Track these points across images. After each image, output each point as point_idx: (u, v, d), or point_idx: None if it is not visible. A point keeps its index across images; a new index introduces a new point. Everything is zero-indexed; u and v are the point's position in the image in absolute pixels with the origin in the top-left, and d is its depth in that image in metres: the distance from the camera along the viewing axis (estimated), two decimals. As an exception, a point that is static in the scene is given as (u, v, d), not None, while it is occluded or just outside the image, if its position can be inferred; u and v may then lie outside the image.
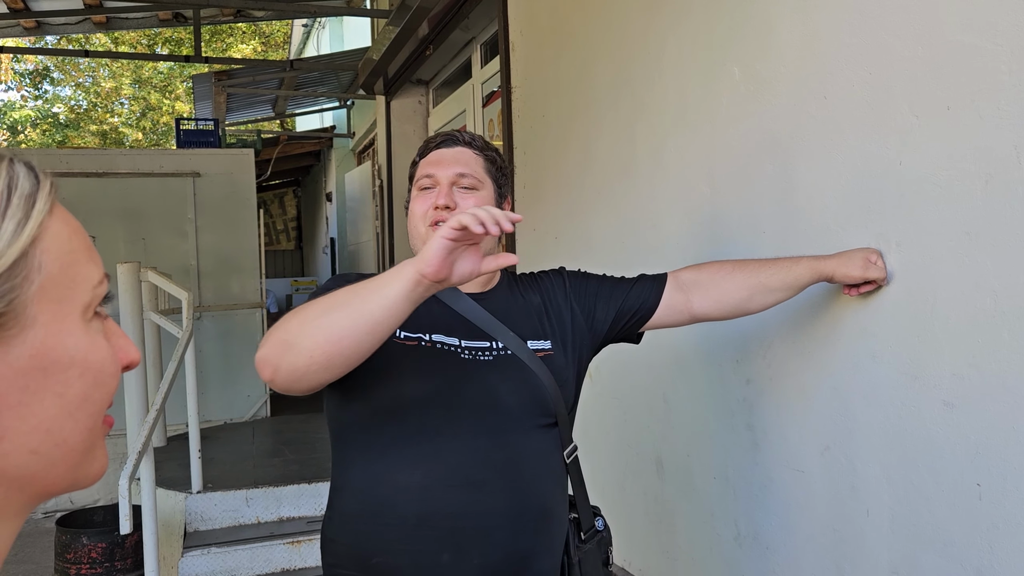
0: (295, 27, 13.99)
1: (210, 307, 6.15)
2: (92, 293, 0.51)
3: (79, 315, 0.50)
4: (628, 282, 1.57)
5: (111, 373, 0.52)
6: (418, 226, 1.42)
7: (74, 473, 0.51)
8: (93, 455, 0.52)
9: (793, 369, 1.81)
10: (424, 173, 1.45)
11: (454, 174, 1.42)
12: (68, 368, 0.49)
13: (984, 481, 1.36)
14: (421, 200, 1.43)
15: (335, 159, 10.41)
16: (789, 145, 1.80)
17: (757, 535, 1.95)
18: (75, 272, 0.50)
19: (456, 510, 1.29)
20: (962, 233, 1.38)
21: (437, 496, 1.29)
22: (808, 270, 1.56)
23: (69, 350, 0.49)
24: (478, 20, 4.33)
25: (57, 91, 18.91)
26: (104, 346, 0.51)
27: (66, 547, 3.31)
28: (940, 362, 1.43)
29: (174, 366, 3.44)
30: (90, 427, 0.51)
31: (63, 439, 0.49)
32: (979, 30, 1.35)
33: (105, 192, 6.04)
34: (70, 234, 0.51)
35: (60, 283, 0.49)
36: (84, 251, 0.51)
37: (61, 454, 0.49)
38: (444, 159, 1.45)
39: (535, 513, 1.35)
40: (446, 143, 1.47)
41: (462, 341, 1.37)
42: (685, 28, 2.17)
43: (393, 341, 1.31)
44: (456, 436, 1.31)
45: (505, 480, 1.32)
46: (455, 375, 1.34)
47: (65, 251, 0.49)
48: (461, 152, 1.46)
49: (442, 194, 1.40)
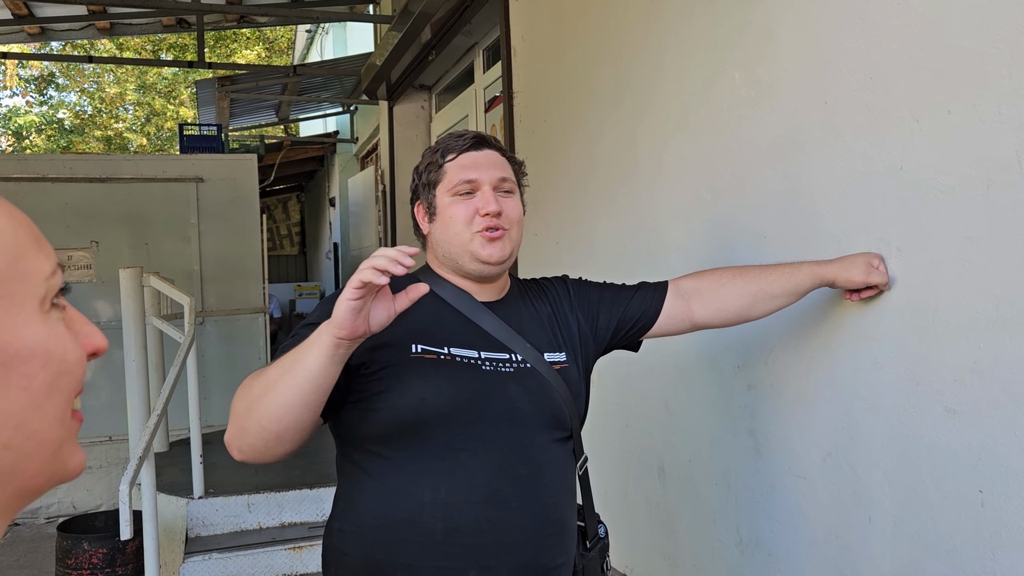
0: (299, 32, 14.03)
1: (213, 312, 6.16)
2: (46, 285, 0.51)
3: (35, 307, 0.49)
4: (629, 290, 1.57)
5: (74, 361, 0.51)
6: (461, 233, 1.36)
7: (51, 466, 0.51)
8: (68, 448, 0.52)
9: (795, 375, 1.81)
10: (463, 178, 1.37)
11: (496, 178, 1.38)
12: (29, 360, 0.48)
13: (987, 488, 1.35)
14: (463, 206, 1.36)
15: (338, 164, 10.42)
16: (790, 150, 1.79)
17: (759, 541, 1.94)
18: (24, 266, 0.49)
19: (481, 526, 1.28)
20: (964, 238, 1.38)
21: (462, 512, 1.27)
22: (810, 276, 1.55)
23: (27, 342, 0.48)
24: (480, 26, 4.34)
25: (62, 97, 18.98)
26: (64, 335, 0.51)
27: (67, 552, 3.31)
28: (942, 368, 1.43)
29: (175, 371, 3.43)
30: (60, 417, 0.50)
31: (34, 431, 0.49)
32: (980, 34, 1.34)
33: (109, 197, 6.06)
34: (14, 227, 0.50)
35: (9, 277, 0.48)
36: (31, 244, 0.51)
37: (34, 446, 0.49)
38: (480, 162, 1.38)
39: (555, 527, 1.35)
40: (475, 145, 1.40)
41: (481, 353, 1.34)
42: (686, 33, 2.17)
43: (411, 356, 1.29)
44: (479, 451, 1.29)
45: (528, 495, 1.31)
46: (477, 388, 1.31)
47: (11, 244, 0.49)
48: (493, 155, 1.41)
49: (491, 200, 1.35)
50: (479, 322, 1.37)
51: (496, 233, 1.36)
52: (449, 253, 1.39)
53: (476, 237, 1.35)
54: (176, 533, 3.74)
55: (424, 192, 1.42)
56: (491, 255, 1.36)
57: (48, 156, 10.08)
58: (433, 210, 1.40)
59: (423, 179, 1.42)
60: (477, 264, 1.37)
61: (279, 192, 14.04)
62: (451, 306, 1.38)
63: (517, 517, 1.29)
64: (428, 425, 1.28)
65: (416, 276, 1.44)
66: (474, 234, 1.35)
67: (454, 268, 1.40)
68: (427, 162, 1.42)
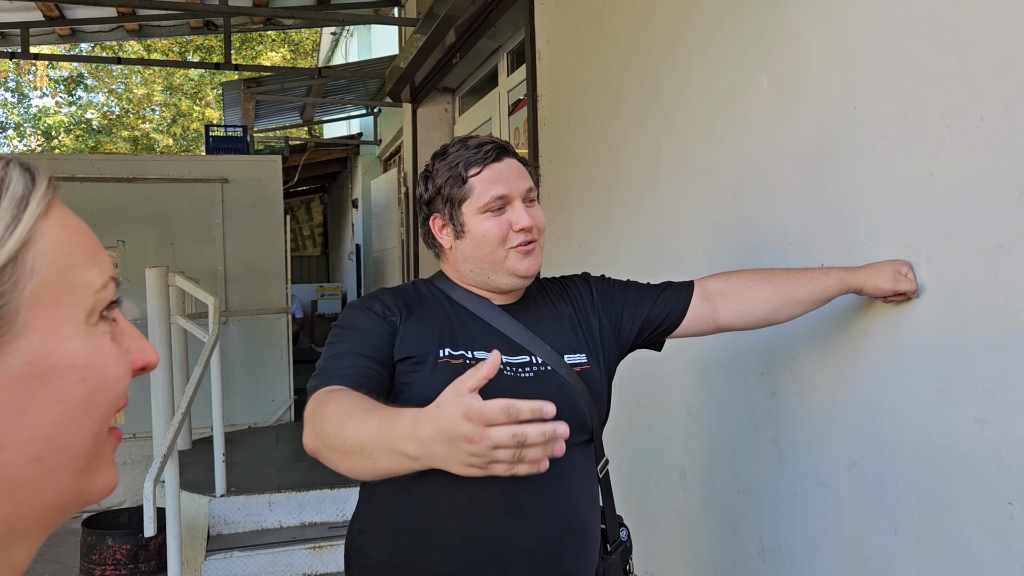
0: (324, 35, 14.12)
1: (236, 312, 6.21)
2: (95, 298, 0.49)
3: (80, 320, 0.48)
4: (655, 290, 1.55)
5: (115, 377, 0.50)
6: (496, 251, 1.34)
7: (80, 482, 0.49)
8: (99, 465, 0.51)
9: (820, 382, 1.79)
10: (494, 195, 1.33)
11: (525, 190, 1.36)
12: (68, 373, 0.47)
13: (1016, 500, 1.32)
14: (495, 222, 1.33)
15: (361, 166, 10.48)
16: (817, 155, 1.78)
17: (781, 550, 1.92)
18: (74, 277, 0.49)
19: (501, 533, 1.28)
20: (995, 246, 1.36)
21: (482, 519, 1.27)
22: (837, 281, 1.53)
23: (68, 355, 0.47)
24: (505, 29, 4.34)
25: (90, 97, 19.24)
26: (108, 350, 0.50)
27: (91, 548, 3.35)
28: (972, 377, 1.40)
29: (199, 370, 3.47)
30: (95, 433, 0.49)
31: (65, 445, 0.48)
32: (1013, 39, 1.32)
33: (135, 197, 6.14)
34: (68, 237, 0.49)
35: (56, 288, 0.47)
36: (85, 255, 0.50)
37: (64, 460, 0.48)
38: (507, 175, 1.35)
39: (576, 534, 1.34)
40: (497, 156, 1.36)
41: (502, 357, 1.33)
42: (712, 37, 2.16)
43: (438, 361, 1.29)
44: None
45: (548, 502, 1.31)
46: (499, 395, 1.29)
47: (62, 255, 0.48)
48: (515, 164, 1.38)
49: (524, 214, 1.34)
50: (498, 326, 1.37)
51: (530, 247, 1.35)
52: (480, 269, 1.37)
53: (511, 253, 1.34)
54: (198, 531, 3.78)
55: (445, 207, 1.37)
56: (529, 268, 1.36)
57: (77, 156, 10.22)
58: (460, 228, 1.36)
59: (444, 194, 1.36)
60: (512, 279, 1.37)
61: (302, 193, 14.13)
62: (470, 311, 1.38)
63: (537, 524, 1.29)
64: None
65: (432, 282, 1.44)
66: (509, 250, 1.34)
67: (482, 284, 1.39)
68: (447, 176, 1.36)
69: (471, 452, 0.84)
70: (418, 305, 1.38)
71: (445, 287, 1.41)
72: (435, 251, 1.45)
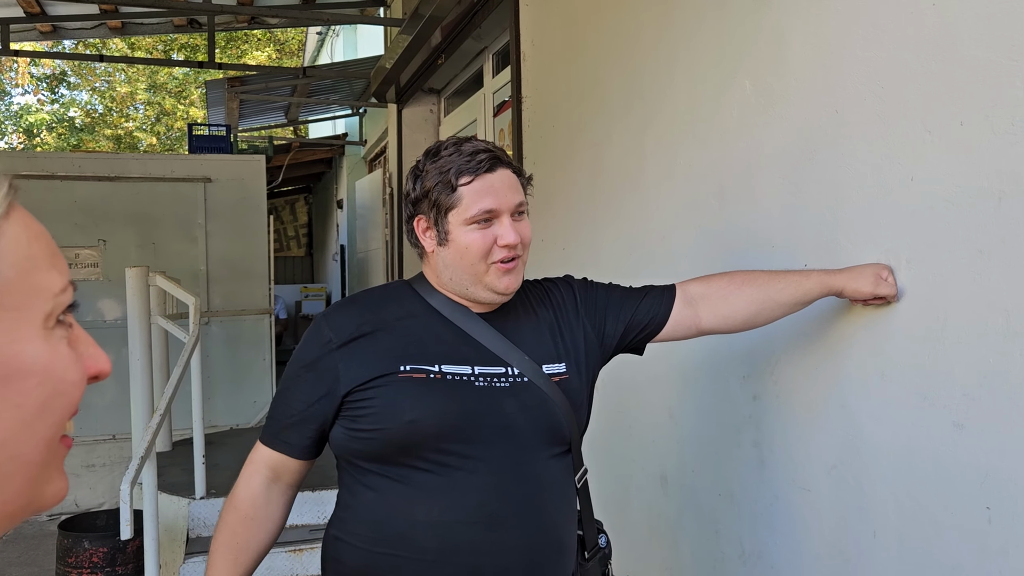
0: (310, 34, 14.07)
1: (218, 312, 6.17)
2: (54, 301, 0.49)
3: (39, 323, 0.48)
4: (637, 294, 1.54)
5: (73, 382, 0.49)
6: (477, 265, 1.31)
7: (31, 490, 0.48)
8: (50, 474, 0.50)
9: (801, 385, 1.79)
10: (482, 208, 1.29)
11: (514, 204, 1.31)
12: (27, 377, 0.46)
13: (994, 505, 1.32)
14: (480, 235, 1.29)
15: (346, 166, 10.44)
16: (799, 158, 1.78)
17: (762, 554, 1.92)
18: (34, 279, 0.48)
19: (476, 547, 1.26)
20: (975, 251, 1.36)
21: (456, 533, 1.25)
22: (818, 284, 1.54)
23: (27, 359, 0.46)
24: (490, 30, 4.33)
25: (73, 95, 19.07)
26: (66, 355, 0.49)
27: (67, 551, 3.31)
28: (951, 382, 1.41)
29: (179, 372, 3.43)
30: (48, 439, 0.48)
31: (18, 451, 0.47)
32: (994, 44, 1.32)
33: (117, 196, 6.08)
34: (30, 239, 0.48)
35: (18, 290, 0.47)
36: (46, 258, 0.49)
37: (16, 467, 0.47)
38: (498, 187, 1.30)
39: (552, 547, 1.33)
40: (491, 167, 1.31)
41: (475, 368, 1.31)
42: (696, 40, 2.16)
43: (399, 376, 1.27)
44: (474, 471, 1.27)
45: (524, 516, 1.29)
46: (470, 406, 1.28)
47: (23, 256, 0.47)
48: (507, 176, 1.33)
49: (511, 231, 1.30)
50: (475, 335, 1.34)
51: (512, 264, 1.32)
52: (458, 279, 1.35)
53: (492, 268, 1.31)
54: (177, 533, 3.74)
55: (431, 211, 1.33)
56: (508, 286, 1.33)
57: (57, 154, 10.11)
58: (444, 235, 1.33)
59: (431, 198, 1.32)
60: (490, 294, 1.34)
61: (287, 193, 14.06)
62: (445, 318, 1.35)
63: (513, 538, 1.27)
64: (420, 446, 1.26)
65: (412, 284, 1.42)
66: (490, 265, 1.31)
67: (460, 293, 1.37)
68: (437, 180, 1.31)
69: None
70: (382, 320, 1.35)
71: (424, 291, 1.39)
72: (418, 251, 1.43)
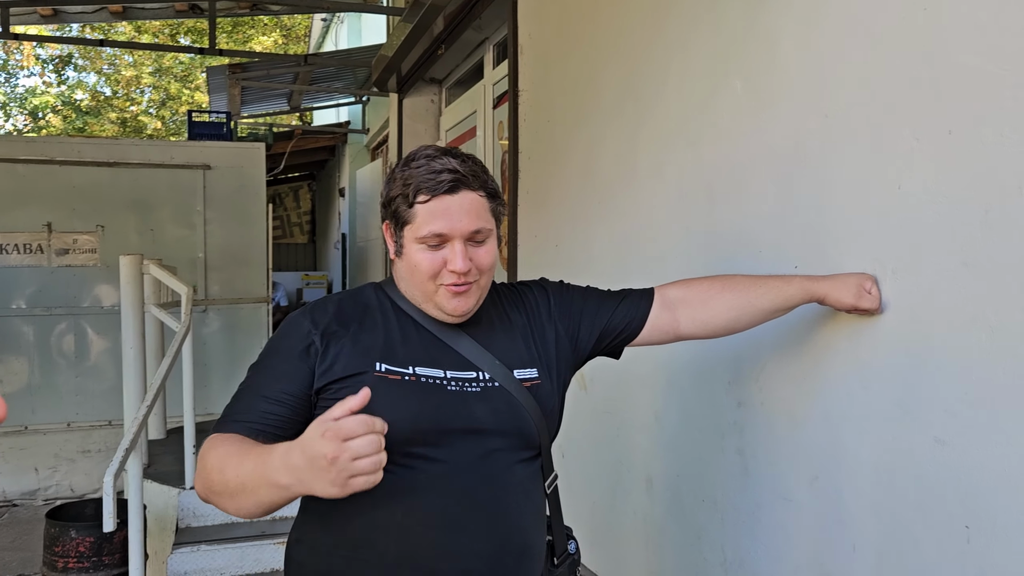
0: (315, 21, 14.01)
1: (216, 300, 6.15)
2: None
3: None
4: (614, 298, 1.52)
5: None
6: (425, 284, 1.29)
7: None
8: None
9: (785, 394, 1.76)
10: (432, 231, 1.25)
11: (469, 231, 1.26)
12: None
13: (973, 524, 1.30)
14: (429, 256, 1.27)
15: (349, 155, 10.40)
16: (789, 162, 1.74)
17: (743, 562, 1.90)
18: None
19: (438, 551, 1.24)
20: (960, 264, 1.32)
21: (418, 536, 1.24)
22: (800, 291, 1.51)
23: None
24: (491, 20, 4.29)
25: (80, 77, 19.05)
26: None
27: (55, 540, 3.30)
28: (933, 397, 1.38)
29: (168, 362, 3.42)
30: None
31: None
32: (985, 53, 1.29)
33: (116, 182, 6.06)
34: None
35: None
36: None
37: None
38: (453, 211, 1.25)
39: (517, 553, 1.31)
40: (452, 189, 1.25)
41: (448, 372, 1.30)
42: (690, 40, 2.12)
43: (374, 374, 1.25)
44: (440, 474, 1.25)
45: (488, 520, 1.27)
46: (442, 410, 1.27)
47: None
48: (469, 199, 1.27)
49: (459, 257, 1.25)
50: (446, 339, 1.33)
51: (463, 288, 1.29)
52: (411, 292, 1.34)
53: (441, 289, 1.29)
54: (167, 523, 3.74)
55: (392, 219, 1.32)
56: (456, 308, 1.30)
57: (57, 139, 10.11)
58: (400, 247, 1.31)
59: (392, 208, 1.30)
60: (440, 314, 1.33)
61: (291, 180, 14.03)
62: (417, 322, 1.34)
63: (476, 544, 1.25)
64: (388, 449, 1.24)
65: (383, 288, 1.40)
66: (439, 286, 1.29)
67: (418, 304, 1.36)
68: (399, 192, 1.28)
69: (331, 470, 0.95)
70: (359, 318, 1.33)
71: (394, 295, 1.37)
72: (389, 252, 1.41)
